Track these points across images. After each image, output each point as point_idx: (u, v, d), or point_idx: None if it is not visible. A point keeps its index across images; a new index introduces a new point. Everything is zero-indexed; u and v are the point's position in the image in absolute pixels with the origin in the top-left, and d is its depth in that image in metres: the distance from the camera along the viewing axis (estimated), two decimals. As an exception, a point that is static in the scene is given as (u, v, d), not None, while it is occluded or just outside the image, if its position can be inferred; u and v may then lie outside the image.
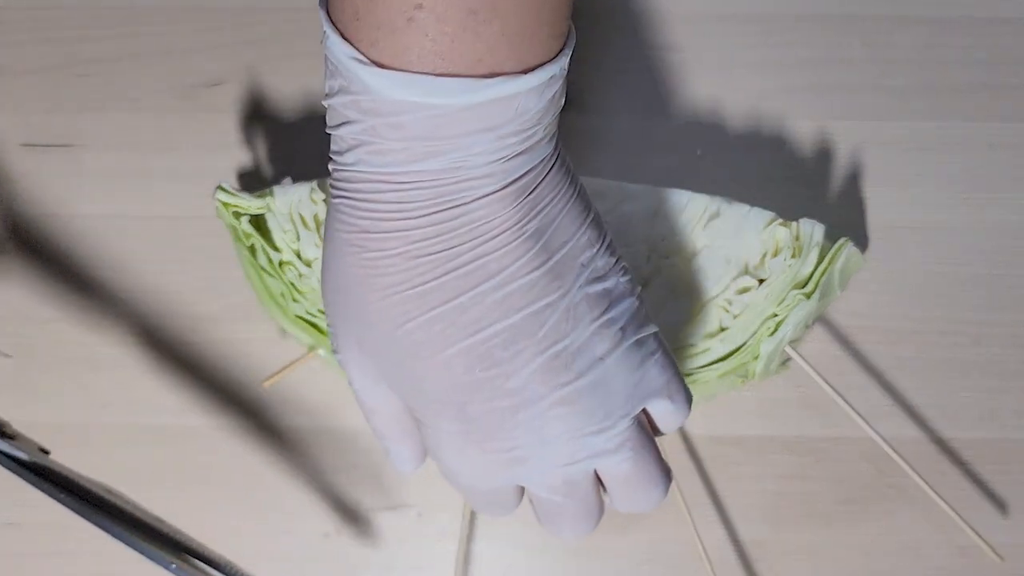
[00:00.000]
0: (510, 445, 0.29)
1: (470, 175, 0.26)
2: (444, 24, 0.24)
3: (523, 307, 0.27)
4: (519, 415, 0.28)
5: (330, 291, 0.29)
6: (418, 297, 0.27)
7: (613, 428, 0.29)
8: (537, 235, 0.27)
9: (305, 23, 0.45)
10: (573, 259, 0.28)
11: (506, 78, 0.25)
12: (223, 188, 0.38)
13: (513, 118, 0.25)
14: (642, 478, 0.30)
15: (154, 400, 0.42)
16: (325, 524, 0.41)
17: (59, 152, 0.44)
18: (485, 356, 0.27)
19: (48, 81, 0.44)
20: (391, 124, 0.25)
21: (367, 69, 0.25)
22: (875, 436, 0.38)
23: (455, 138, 0.25)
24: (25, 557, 0.41)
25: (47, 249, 0.43)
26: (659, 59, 0.44)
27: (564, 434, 0.29)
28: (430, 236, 0.26)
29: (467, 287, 0.27)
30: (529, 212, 0.27)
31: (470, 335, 0.27)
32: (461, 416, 0.28)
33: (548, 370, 0.28)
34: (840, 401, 0.38)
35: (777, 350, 0.38)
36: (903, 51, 0.45)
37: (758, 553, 0.41)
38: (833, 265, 0.38)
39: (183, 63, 0.44)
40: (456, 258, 0.26)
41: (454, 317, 0.27)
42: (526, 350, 0.27)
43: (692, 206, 0.39)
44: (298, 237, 0.39)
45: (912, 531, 0.41)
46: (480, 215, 0.26)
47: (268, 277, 0.39)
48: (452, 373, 0.28)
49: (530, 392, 0.28)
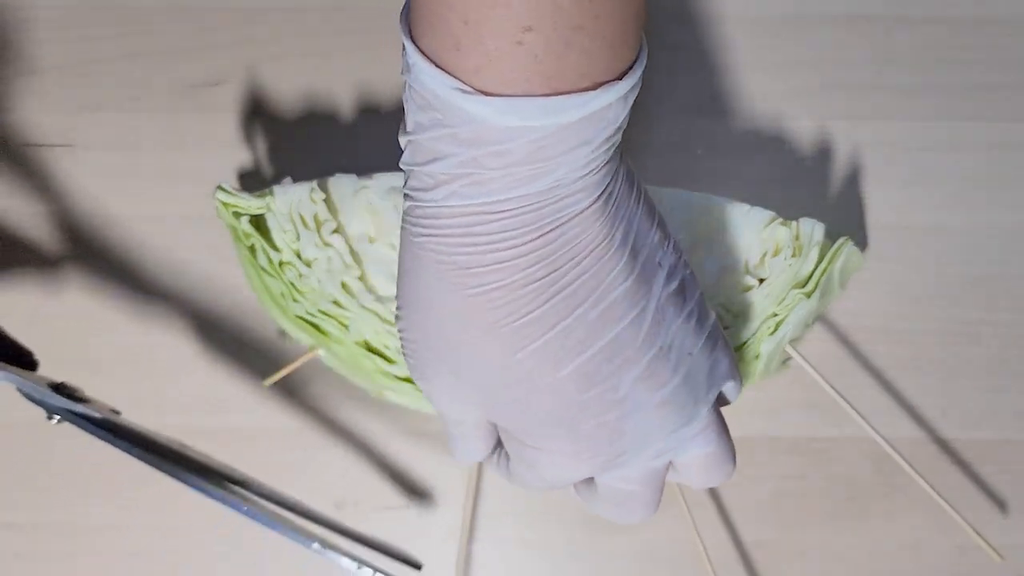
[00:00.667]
0: (617, 453, 0.29)
1: (566, 192, 0.25)
2: (553, 44, 0.23)
3: (621, 318, 0.27)
4: (626, 424, 0.29)
5: (416, 325, 0.28)
6: (525, 327, 0.27)
7: (698, 417, 0.30)
8: (624, 243, 0.27)
9: (305, 23, 0.45)
10: (653, 260, 0.28)
11: (606, 87, 0.24)
12: (223, 188, 0.38)
13: (606, 127, 0.25)
14: (720, 457, 0.31)
15: (154, 400, 0.42)
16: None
17: (60, 152, 0.44)
18: (594, 372, 0.27)
19: (48, 81, 0.44)
20: (495, 153, 0.24)
21: (472, 98, 0.24)
22: (875, 436, 0.38)
23: (557, 157, 0.24)
24: (25, 557, 0.41)
25: (47, 249, 0.43)
26: (659, 59, 0.45)
27: (661, 432, 0.29)
28: (533, 263, 0.26)
29: (571, 308, 0.27)
30: (615, 221, 0.27)
31: (578, 355, 0.27)
32: (572, 435, 0.29)
33: (650, 375, 0.28)
34: (841, 401, 0.38)
35: (777, 349, 0.38)
36: (903, 51, 0.45)
37: (759, 553, 0.41)
38: (833, 264, 0.38)
39: (183, 63, 0.44)
40: (559, 281, 0.26)
41: (562, 340, 0.27)
42: (629, 360, 0.28)
43: (692, 205, 0.39)
44: (298, 237, 0.39)
45: (912, 531, 0.41)
46: (575, 232, 0.26)
47: (268, 277, 0.39)
48: (564, 394, 0.28)
49: (634, 400, 0.28)
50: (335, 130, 0.44)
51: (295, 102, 0.44)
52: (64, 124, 0.44)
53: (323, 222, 0.39)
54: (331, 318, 0.39)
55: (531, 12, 0.22)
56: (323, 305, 0.39)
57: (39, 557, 0.41)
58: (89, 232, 0.43)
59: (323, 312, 0.39)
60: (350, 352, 0.39)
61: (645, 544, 0.41)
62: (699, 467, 0.31)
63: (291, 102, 0.44)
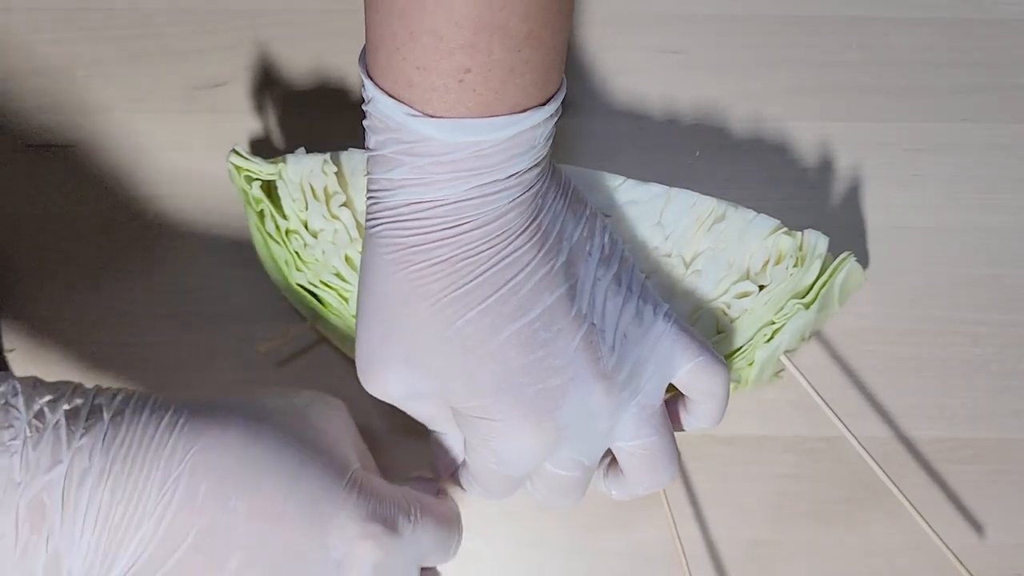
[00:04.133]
0: (563, 423, 0.32)
1: (501, 187, 0.30)
2: (489, 82, 0.29)
3: (553, 291, 0.31)
4: (569, 392, 0.32)
5: (372, 316, 0.32)
6: (465, 295, 0.31)
7: (640, 402, 0.33)
8: (550, 229, 0.32)
9: (307, 24, 0.45)
10: (582, 249, 0.33)
11: (535, 109, 0.30)
12: (237, 152, 0.38)
13: (534, 140, 0.30)
14: (663, 451, 0.34)
15: (155, 400, 0.42)
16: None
17: (61, 152, 0.44)
18: (532, 338, 0.31)
19: (50, 82, 0.44)
20: (442, 162, 0.30)
21: (422, 121, 0.29)
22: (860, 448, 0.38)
23: (493, 164, 0.30)
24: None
25: (48, 249, 0.43)
26: (659, 59, 0.45)
27: (604, 408, 0.33)
28: (471, 241, 0.30)
29: (506, 279, 0.31)
30: (543, 212, 0.32)
31: (515, 320, 0.31)
32: (518, 400, 0.31)
33: (587, 346, 0.32)
34: (829, 413, 0.38)
35: (772, 358, 0.38)
36: (902, 53, 0.45)
37: (758, 552, 0.41)
38: (834, 278, 0.38)
39: (185, 64, 0.44)
40: (495, 255, 0.31)
41: (499, 308, 0.31)
42: (565, 329, 0.32)
43: (698, 207, 0.39)
44: (306, 207, 0.39)
45: (912, 529, 0.41)
46: (511, 216, 0.31)
47: (274, 244, 0.39)
48: (505, 359, 0.31)
49: (575, 369, 0.32)
50: (344, 112, 0.44)
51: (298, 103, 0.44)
52: (66, 125, 0.44)
53: (332, 195, 0.39)
54: (332, 290, 0.39)
55: (470, 60, 0.28)
56: (325, 276, 0.39)
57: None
58: (90, 233, 0.43)
59: (324, 283, 0.39)
60: (347, 325, 0.39)
61: (639, 543, 0.41)
62: (640, 459, 0.34)
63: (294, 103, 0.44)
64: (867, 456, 0.38)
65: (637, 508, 0.41)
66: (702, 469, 0.42)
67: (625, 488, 0.36)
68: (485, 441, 0.33)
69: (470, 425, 0.33)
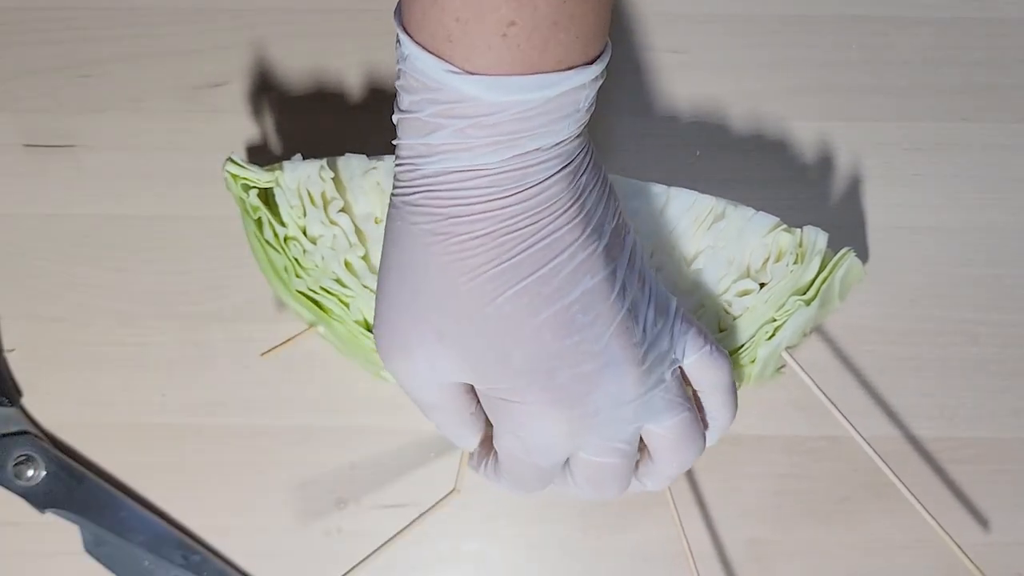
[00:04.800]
0: (594, 409, 0.31)
1: (544, 157, 0.29)
2: (533, 37, 0.27)
3: (594, 275, 0.30)
4: (602, 378, 0.31)
5: (401, 289, 0.31)
6: (507, 272, 0.30)
7: (665, 385, 0.33)
8: (591, 213, 0.31)
9: (307, 25, 0.45)
10: (617, 237, 0.32)
11: (580, 69, 0.29)
12: (233, 160, 0.38)
13: (577, 104, 0.29)
14: (689, 427, 0.34)
15: (154, 400, 0.42)
16: (326, 523, 0.41)
17: (61, 152, 0.44)
18: (569, 322, 0.30)
19: (50, 82, 0.44)
20: (483, 124, 0.28)
21: (463, 78, 0.28)
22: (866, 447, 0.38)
23: (536, 127, 0.29)
24: (25, 557, 0.42)
25: (49, 249, 0.43)
26: (659, 59, 0.45)
27: (635, 394, 0.32)
28: (517, 214, 0.29)
29: (547, 259, 0.30)
30: (581, 192, 0.31)
31: (555, 302, 0.30)
32: (550, 384, 0.31)
33: (623, 332, 0.31)
34: (833, 409, 0.38)
35: (774, 355, 0.38)
36: (902, 52, 0.45)
37: (758, 552, 0.41)
38: (834, 274, 0.38)
39: (185, 64, 0.44)
40: (538, 232, 0.30)
41: (539, 288, 0.30)
42: (603, 315, 0.31)
43: (698, 206, 0.39)
44: (304, 213, 0.39)
45: (913, 528, 0.41)
46: (553, 192, 0.30)
47: (272, 251, 0.39)
48: (542, 341, 0.30)
49: (610, 355, 0.31)
50: (342, 115, 0.44)
51: (298, 103, 0.44)
52: (65, 125, 0.44)
53: (330, 200, 0.39)
54: (332, 296, 0.39)
55: (514, 12, 0.27)
56: (325, 282, 0.39)
57: (39, 557, 0.42)
58: (89, 233, 0.43)
59: (325, 289, 0.39)
60: (349, 331, 0.39)
61: (639, 543, 0.41)
62: (671, 439, 0.33)
63: (294, 103, 0.44)
64: (871, 452, 0.38)
65: (638, 508, 0.41)
66: (703, 469, 0.42)
67: (658, 475, 0.35)
68: (512, 427, 0.32)
69: (498, 409, 0.32)
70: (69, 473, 0.41)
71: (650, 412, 0.33)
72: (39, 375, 0.42)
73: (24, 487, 0.40)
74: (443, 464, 0.42)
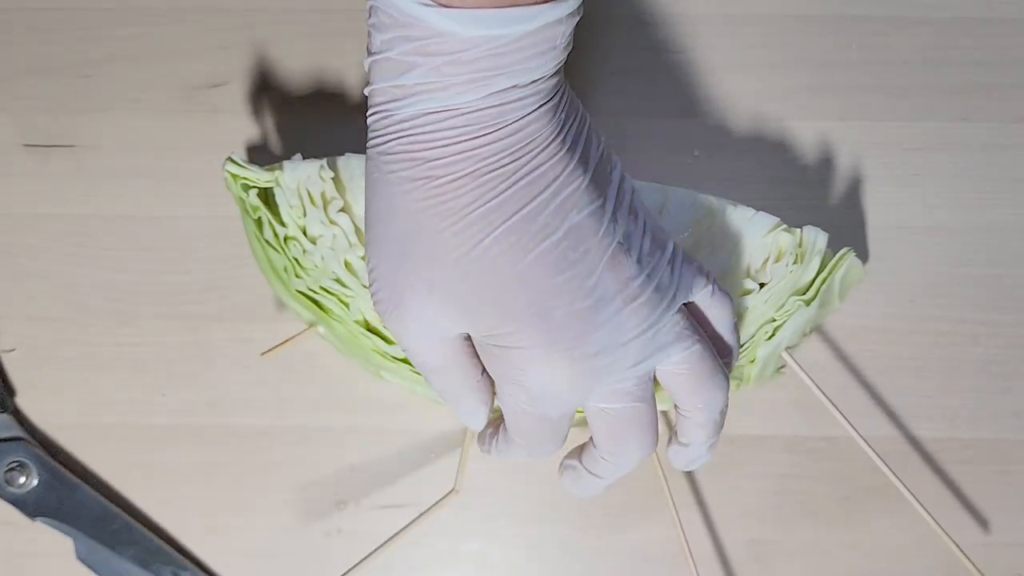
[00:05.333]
0: (594, 349, 0.31)
1: (522, 94, 0.29)
2: None
3: (580, 209, 0.30)
4: (599, 315, 0.30)
5: (387, 243, 0.30)
6: (491, 212, 0.29)
7: (670, 320, 0.32)
8: (574, 147, 0.30)
9: (307, 25, 0.45)
10: (604, 171, 0.31)
11: (555, 3, 0.28)
12: (233, 160, 0.38)
13: (554, 41, 0.29)
14: (705, 360, 0.33)
15: (154, 400, 0.42)
16: (326, 523, 0.41)
17: (61, 152, 0.44)
18: (560, 258, 0.30)
19: (50, 82, 0.44)
20: (458, 60, 0.28)
21: (438, 12, 0.27)
22: (865, 447, 0.38)
23: (514, 64, 0.28)
24: (25, 557, 0.42)
25: (49, 249, 0.43)
26: (659, 59, 0.45)
27: (635, 330, 0.31)
28: (497, 152, 0.29)
29: (532, 195, 0.29)
30: (565, 126, 0.30)
31: (543, 240, 0.30)
32: (547, 325, 0.30)
33: (615, 266, 0.30)
34: (833, 409, 0.38)
35: (774, 355, 0.38)
36: (902, 52, 0.45)
37: (758, 552, 0.41)
38: (834, 274, 0.38)
39: (185, 64, 0.44)
40: (519, 169, 0.29)
41: (525, 226, 0.29)
42: (593, 249, 0.30)
43: (697, 206, 0.39)
44: (304, 213, 0.39)
45: (913, 528, 0.41)
46: (532, 129, 0.29)
47: (272, 251, 0.39)
48: (532, 280, 0.30)
49: (604, 290, 0.30)
50: (343, 115, 0.44)
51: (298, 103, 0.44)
52: (65, 125, 0.44)
53: (330, 200, 0.39)
54: (332, 296, 0.39)
55: None
56: (325, 282, 0.39)
57: (39, 557, 0.42)
58: (89, 232, 0.43)
59: (324, 289, 0.39)
60: (349, 330, 0.39)
61: (640, 543, 0.41)
62: (687, 376, 0.32)
63: (294, 103, 0.44)
64: (871, 452, 0.38)
65: (638, 508, 0.41)
66: (703, 468, 0.42)
67: (690, 425, 0.34)
68: (513, 375, 0.31)
69: (497, 359, 0.31)
70: (61, 482, 0.40)
71: (656, 349, 0.32)
72: (39, 375, 0.42)
73: (15, 494, 0.40)
74: (443, 464, 0.42)
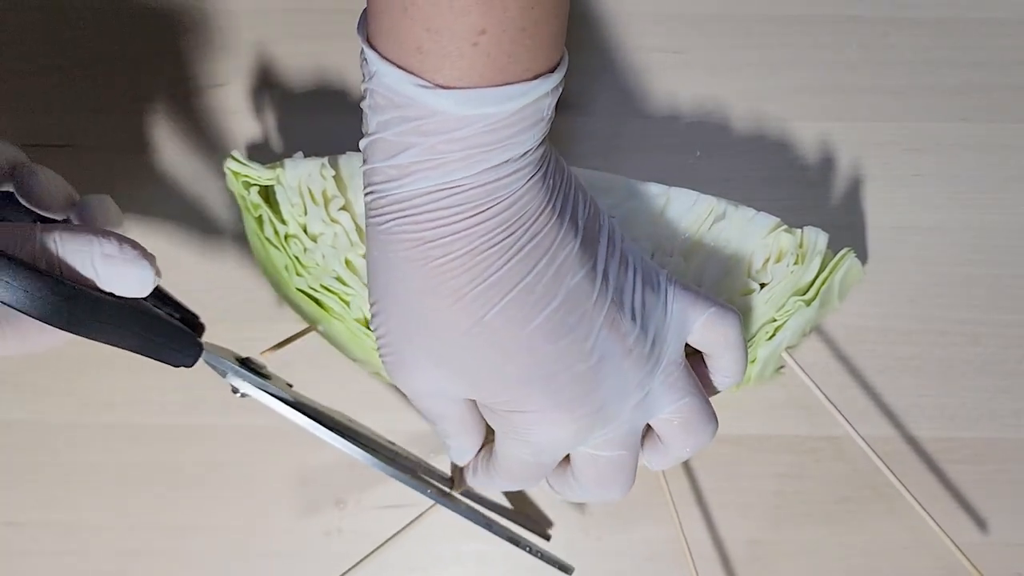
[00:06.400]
0: (598, 404, 0.32)
1: (514, 168, 0.29)
2: (503, 43, 0.27)
3: (575, 273, 0.31)
4: (599, 373, 0.31)
5: (391, 313, 0.31)
6: (490, 288, 0.30)
7: (666, 370, 0.33)
8: (563, 212, 0.31)
9: (307, 24, 0.45)
10: (593, 229, 0.32)
11: (544, 77, 0.29)
12: (234, 157, 0.38)
13: (542, 112, 0.29)
14: (697, 408, 0.34)
15: (154, 400, 0.42)
16: (326, 523, 0.41)
17: (60, 152, 0.44)
18: (559, 324, 0.31)
19: (49, 82, 0.44)
20: (454, 139, 0.28)
21: (434, 93, 0.28)
22: (865, 447, 0.38)
23: (506, 138, 0.29)
24: (25, 557, 0.42)
25: (48, 249, 0.43)
26: (659, 59, 0.45)
27: (634, 382, 0.32)
28: (493, 228, 0.29)
29: (529, 267, 0.30)
30: (555, 193, 0.31)
31: (542, 308, 0.30)
32: (550, 389, 0.31)
33: (611, 325, 0.31)
34: (832, 409, 0.38)
35: (774, 355, 0.38)
36: (901, 52, 0.45)
37: (757, 551, 0.41)
38: (834, 274, 0.38)
39: (184, 64, 0.44)
40: (516, 243, 0.30)
41: (525, 297, 0.30)
42: (589, 311, 0.31)
43: (699, 206, 0.39)
44: (305, 211, 0.39)
45: (912, 528, 0.41)
46: (525, 200, 0.30)
47: (273, 249, 0.39)
48: (534, 348, 0.30)
49: (603, 349, 0.31)
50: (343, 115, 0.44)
51: (297, 104, 0.44)
52: (64, 124, 0.44)
53: (331, 198, 0.39)
54: (333, 294, 0.39)
55: (484, 19, 0.27)
56: (326, 280, 0.39)
57: (41, 555, 0.42)
58: (90, 232, 0.43)
59: (325, 287, 0.39)
60: (349, 329, 0.39)
61: (639, 543, 0.41)
62: (679, 423, 0.34)
63: (293, 104, 0.44)
64: (870, 452, 0.38)
65: (638, 508, 0.41)
66: (704, 468, 0.42)
67: (667, 455, 0.35)
68: (519, 435, 0.32)
69: (502, 419, 0.32)
70: None
71: (655, 399, 0.33)
72: (39, 375, 0.42)
73: None
74: (443, 464, 0.42)
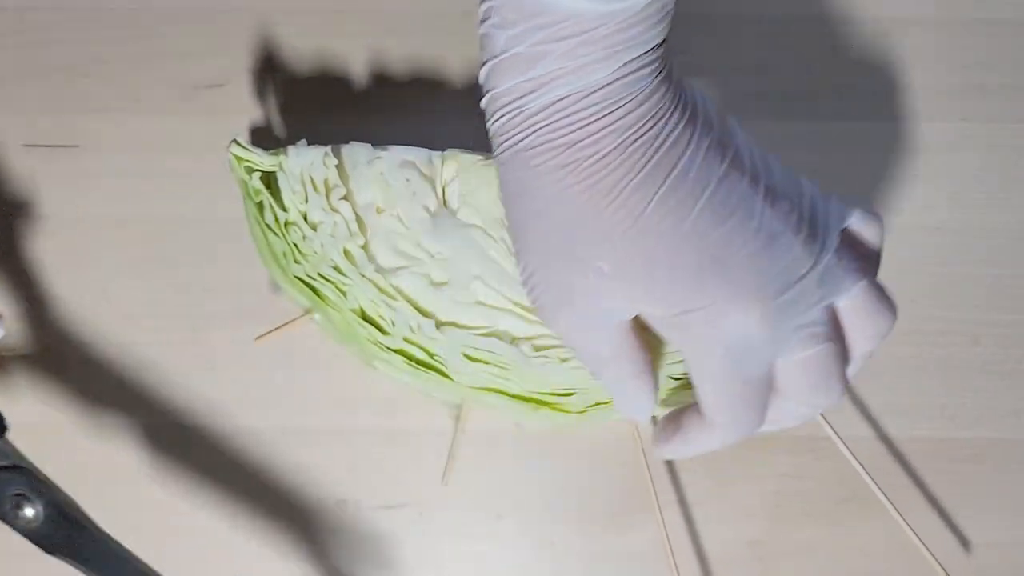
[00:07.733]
0: (777, 287, 0.30)
1: (646, 62, 0.29)
2: None
3: (723, 159, 0.30)
4: (773, 252, 0.30)
5: (549, 235, 0.31)
6: (646, 180, 0.29)
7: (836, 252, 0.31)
8: (695, 106, 0.31)
9: (308, 24, 0.45)
10: (724, 123, 0.31)
11: None
12: (237, 142, 0.38)
13: (668, 7, 0.29)
14: (878, 294, 0.33)
15: (155, 399, 0.42)
16: (326, 523, 0.41)
17: (61, 153, 0.44)
18: (721, 207, 0.30)
19: (51, 82, 0.44)
20: (591, 39, 0.28)
21: None
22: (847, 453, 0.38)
23: (639, 34, 0.29)
24: (25, 557, 0.42)
25: (49, 249, 0.43)
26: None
27: (809, 261, 0.30)
28: (636, 121, 0.29)
29: (677, 156, 0.30)
30: (681, 89, 0.31)
31: (700, 195, 0.30)
32: (726, 274, 0.30)
33: (773, 203, 0.30)
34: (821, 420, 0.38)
35: None
36: (900, 52, 0.45)
37: (758, 552, 0.41)
38: None
39: (185, 64, 0.44)
40: (660, 133, 0.30)
41: (681, 186, 0.30)
42: (746, 194, 0.30)
43: None
44: (306, 199, 0.39)
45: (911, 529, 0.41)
46: (659, 95, 0.30)
47: (272, 235, 0.39)
48: (702, 235, 0.30)
49: (769, 227, 0.30)
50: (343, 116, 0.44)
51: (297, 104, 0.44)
52: (66, 125, 0.44)
53: (333, 187, 0.39)
54: (330, 283, 0.39)
55: None
56: (323, 269, 0.39)
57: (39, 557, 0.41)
58: (89, 233, 0.43)
59: (323, 276, 0.39)
60: (345, 319, 0.39)
61: (639, 543, 0.41)
62: (863, 307, 0.32)
63: (293, 104, 0.44)
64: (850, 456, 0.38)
65: (637, 508, 0.41)
66: (703, 468, 0.42)
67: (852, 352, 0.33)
68: (709, 339, 0.31)
69: (687, 328, 0.31)
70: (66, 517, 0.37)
71: (833, 282, 0.31)
72: (39, 375, 0.42)
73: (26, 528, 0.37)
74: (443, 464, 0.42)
